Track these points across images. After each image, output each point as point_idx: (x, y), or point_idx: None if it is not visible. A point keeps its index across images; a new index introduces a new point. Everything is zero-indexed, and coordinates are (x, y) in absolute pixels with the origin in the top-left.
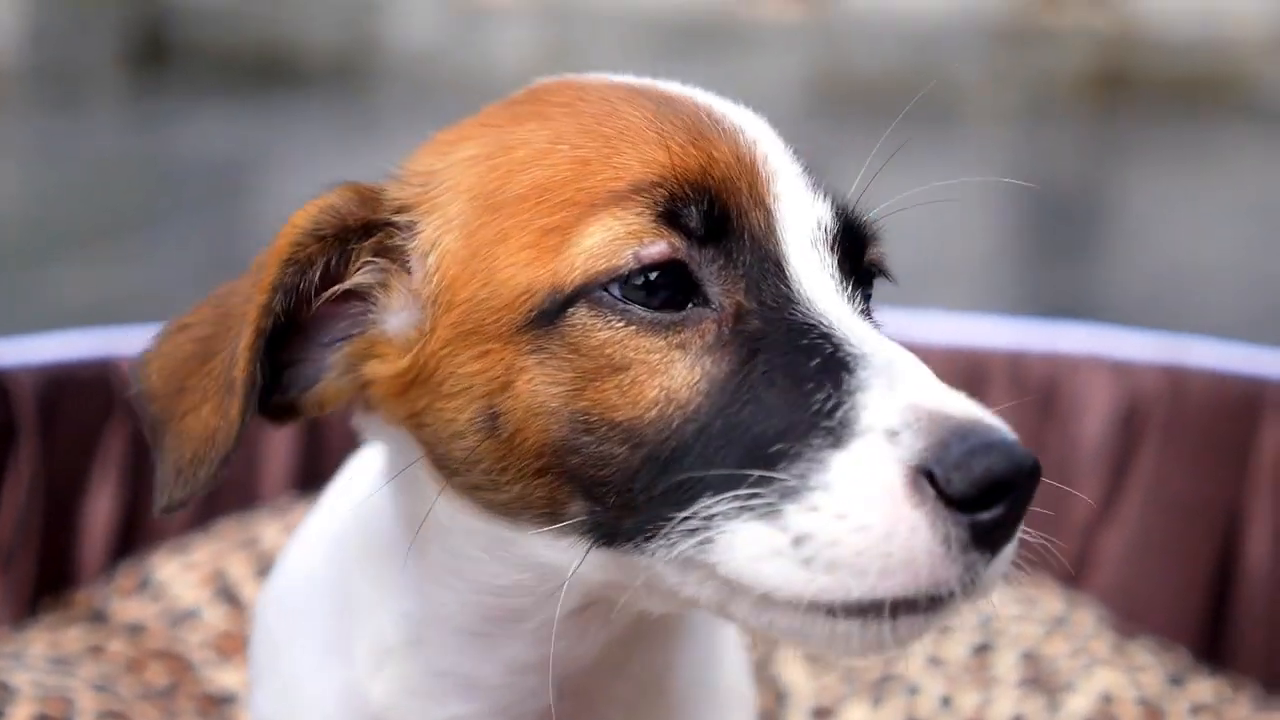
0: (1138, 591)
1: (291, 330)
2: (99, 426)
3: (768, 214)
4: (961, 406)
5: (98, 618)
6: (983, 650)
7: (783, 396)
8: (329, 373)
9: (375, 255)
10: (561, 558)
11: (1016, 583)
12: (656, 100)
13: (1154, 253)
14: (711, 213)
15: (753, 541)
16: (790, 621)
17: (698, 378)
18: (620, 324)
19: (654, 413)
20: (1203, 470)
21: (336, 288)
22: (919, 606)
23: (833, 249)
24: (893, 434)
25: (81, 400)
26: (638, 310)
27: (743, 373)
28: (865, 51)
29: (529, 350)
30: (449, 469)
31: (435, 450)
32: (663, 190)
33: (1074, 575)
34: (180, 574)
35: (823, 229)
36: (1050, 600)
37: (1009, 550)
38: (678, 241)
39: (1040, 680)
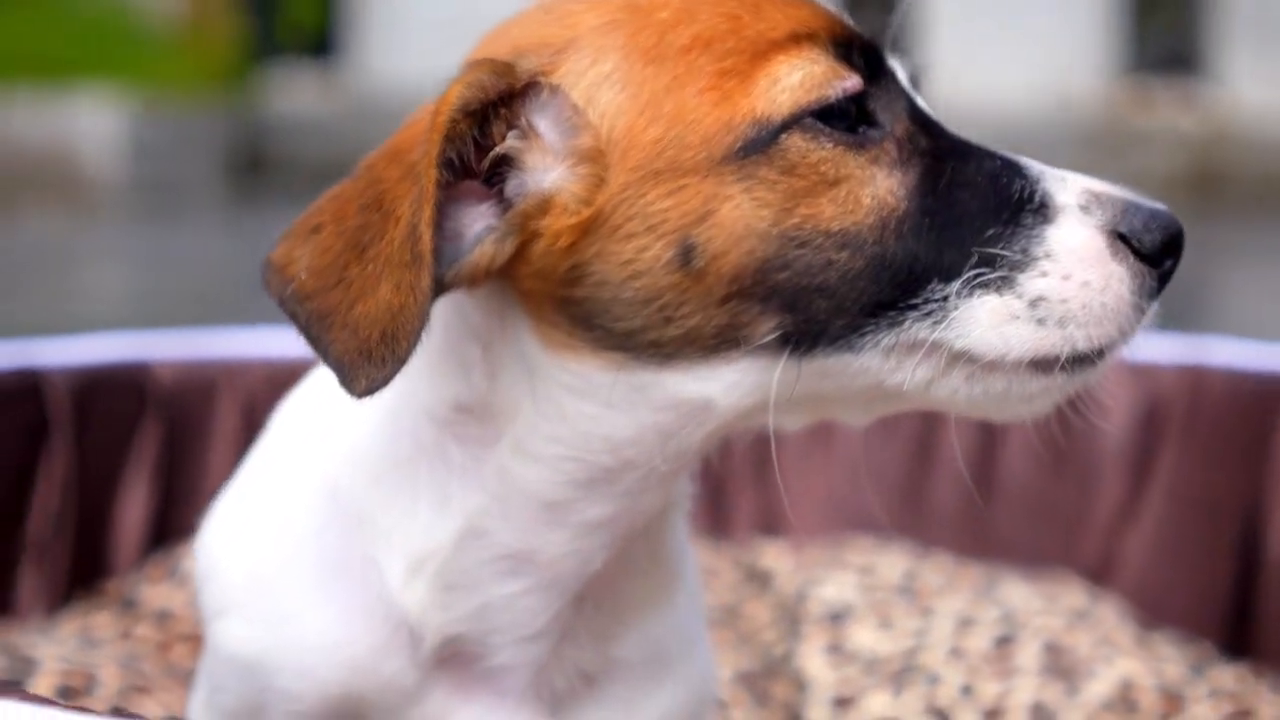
0: (1161, 589)
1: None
2: (132, 426)
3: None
4: (1115, 187)
5: (128, 605)
6: (1004, 642)
7: (981, 191)
8: (481, 243)
9: (511, 123)
10: (712, 389)
11: (1040, 579)
12: None
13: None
14: (866, 55)
15: (993, 311)
16: (1000, 384)
17: (896, 184)
18: (830, 145)
19: (872, 218)
20: (1224, 468)
21: (491, 154)
22: (1093, 360)
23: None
24: (1084, 209)
25: (115, 400)
26: (840, 133)
27: (932, 178)
28: None
29: (734, 179)
30: (597, 322)
31: (585, 305)
32: (825, 37)
33: (1098, 574)
34: None
35: (911, 80)
36: (1073, 595)
37: (1155, 307)
38: (860, 77)
39: (1061, 669)
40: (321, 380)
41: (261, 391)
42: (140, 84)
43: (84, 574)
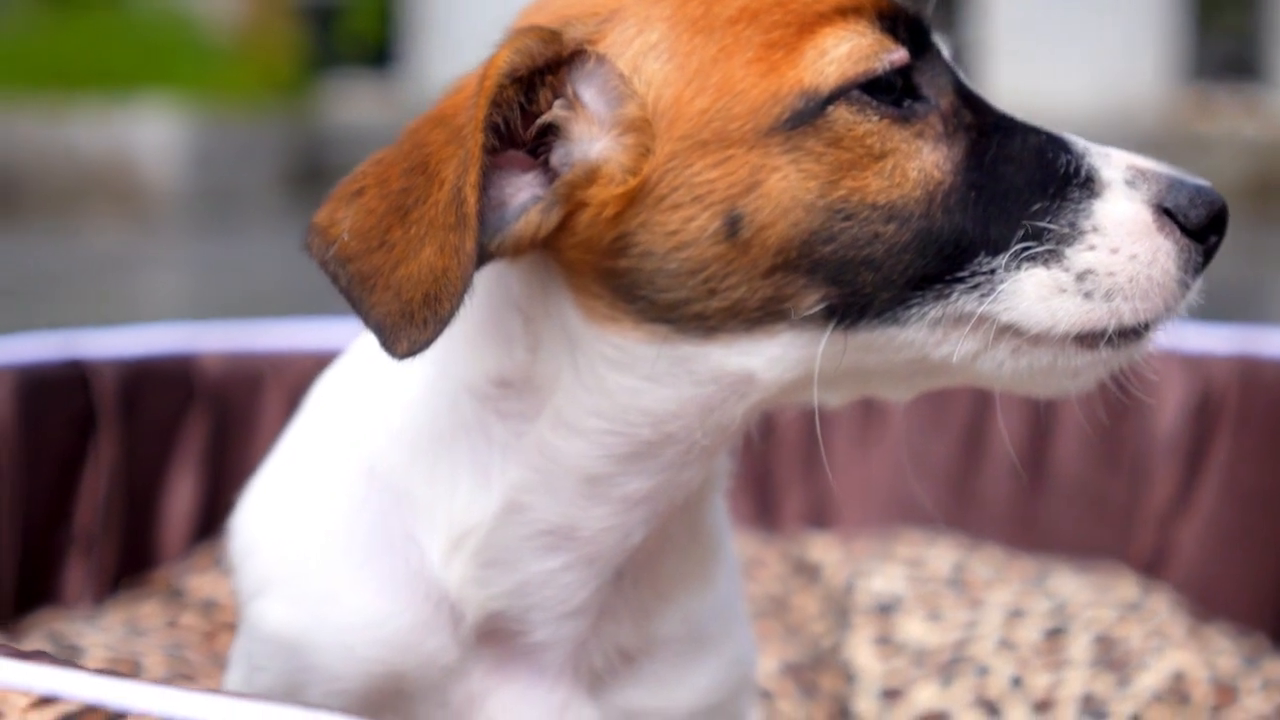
0: (1214, 581)
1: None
2: (179, 418)
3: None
4: (1158, 163)
5: (174, 594)
6: (1055, 634)
7: (1027, 166)
8: (526, 212)
9: (557, 91)
10: (754, 363)
11: (1091, 571)
12: None
13: None
14: (912, 29)
15: (1040, 284)
16: (1046, 358)
17: (942, 158)
18: (877, 118)
19: (918, 191)
20: (1278, 458)
21: (538, 121)
22: (1138, 334)
23: None
24: (1130, 184)
25: (162, 393)
26: (886, 106)
27: (978, 153)
28: None
29: (780, 150)
30: (641, 294)
31: (629, 276)
32: (871, 10)
33: (1150, 566)
34: None
35: (952, 58)
36: (1125, 587)
37: (1199, 283)
38: (906, 50)
39: (1112, 661)
40: (357, 357)
41: (308, 383)
42: (200, 94)
43: (131, 564)
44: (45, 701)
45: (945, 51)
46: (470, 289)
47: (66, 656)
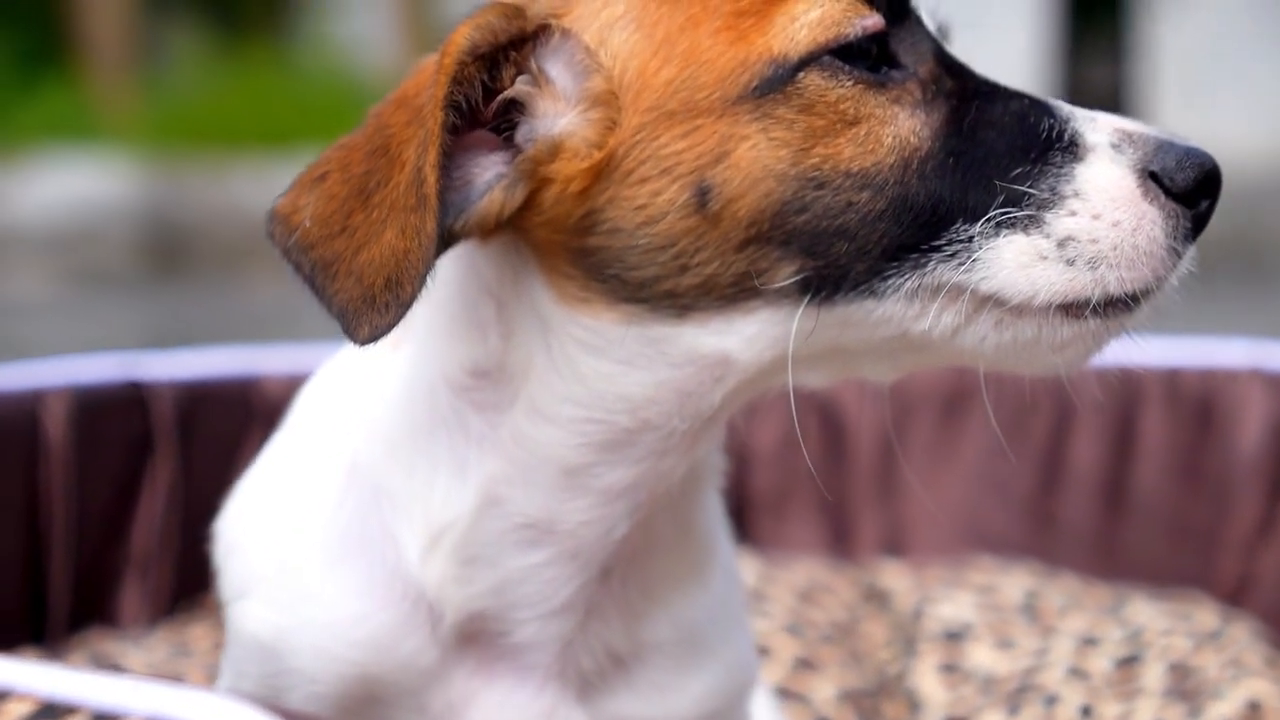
0: None
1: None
2: (238, 440)
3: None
4: (1149, 127)
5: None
6: (1129, 662)
7: (1008, 131)
8: (490, 190)
9: (521, 68)
10: (730, 343)
11: (1170, 599)
12: None
13: None
14: None
15: (1019, 251)
16: (1030, 330)
17: (919, 124)
18: (850, 83)
19: (893, 157)
20: None
21: (499, 98)
22: (1128, 305)
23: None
24: (1116, 148)
25: (221, 414)
26: (860, 72)
27: (958, 119)
28: None
29: (750, 118)
30: (611, 273)
31: (599, 254)
32: None
33: (1233, 594)
34: None
35: (940, 31)
36: (1204, 615)
37: (1192, 251)
38: (881, 16)
39: (1186, 691)
40: (342, 360)
41: None
42: None
43: (187, 587)
44: None
45: (927, 20)
46: (433, 271)
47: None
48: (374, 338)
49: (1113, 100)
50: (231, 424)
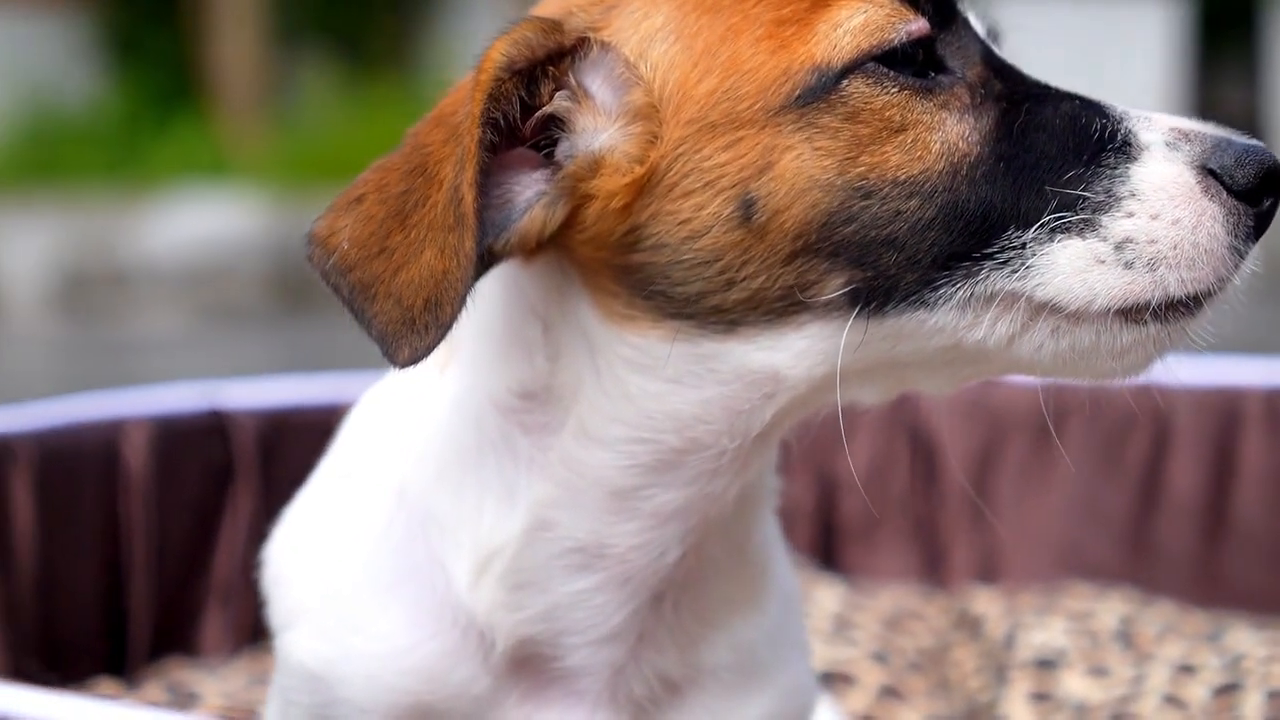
0: None
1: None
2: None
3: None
4: (1206, 125)
5: None
6: (1226, 691)
7: (1059, 133)
8: (531, 209)
9: (559, 83)
10: (779, 358)
11: (1271, 627)
12: None
13: None
14: (935, 1)
15: (1075, 256)
16: (1089, 336)
17: (968, 129)
18: (895, 90)
19: (942, 164)
20: None
21: (538, 114)
22: (1189, 308)
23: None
24: (1171, 146)
25: (303, 442)
26: (906, 78)
27: (1008, 123)
28: None
29: (793, 128)
30: (656, 289)
31: (643, 271)
32: None
33: None
34: None
35: (989, 33)
36: None
37: (1255, 251)
38: (926, 20)
39: None
40: (387, 385)
41: None
42: None
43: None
44: None
45: (976, 23)
46: (473, 292)
47: (180, 704)
48: (414, 360)
49: (1247, 121)
50: (313, 452)
